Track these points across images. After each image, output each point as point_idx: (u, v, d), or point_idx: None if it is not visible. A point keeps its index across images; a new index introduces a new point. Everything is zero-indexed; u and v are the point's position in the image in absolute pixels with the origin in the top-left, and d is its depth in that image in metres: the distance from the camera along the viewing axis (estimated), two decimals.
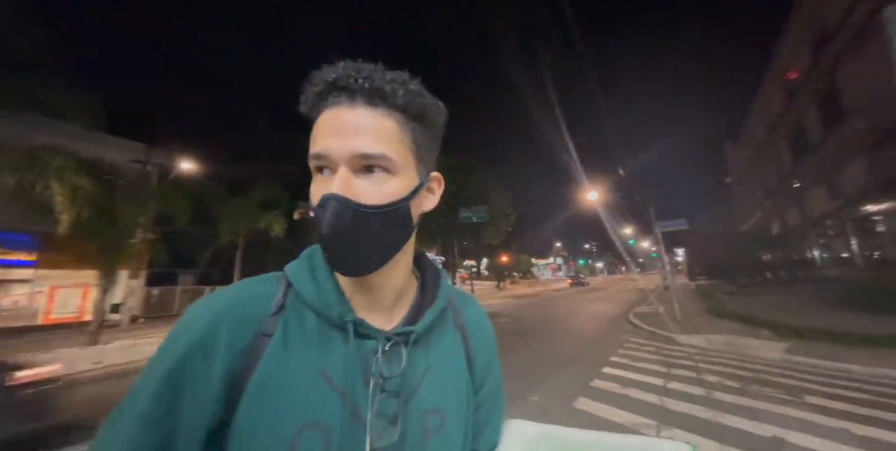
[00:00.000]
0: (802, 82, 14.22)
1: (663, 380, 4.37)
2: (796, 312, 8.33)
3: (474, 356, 0.52)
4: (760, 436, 2.81)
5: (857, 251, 12.77)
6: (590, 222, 78.51)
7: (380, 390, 0.41)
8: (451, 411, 0.45)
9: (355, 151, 0.40)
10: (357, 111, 0.41)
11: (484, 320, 0.58)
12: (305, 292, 0.44)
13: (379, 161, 0.41)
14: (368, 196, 0.41)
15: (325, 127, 0.41)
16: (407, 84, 0.43)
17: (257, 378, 0.38)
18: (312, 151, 0.41)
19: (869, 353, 5.01)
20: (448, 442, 0.44)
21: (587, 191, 18.72)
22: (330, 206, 0.39)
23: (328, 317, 0.42)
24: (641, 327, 8.38)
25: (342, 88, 0.41)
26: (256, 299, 0.43)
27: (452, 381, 0.48)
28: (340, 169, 0.41)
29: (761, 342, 6.04)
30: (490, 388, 0.54)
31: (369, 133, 0.41)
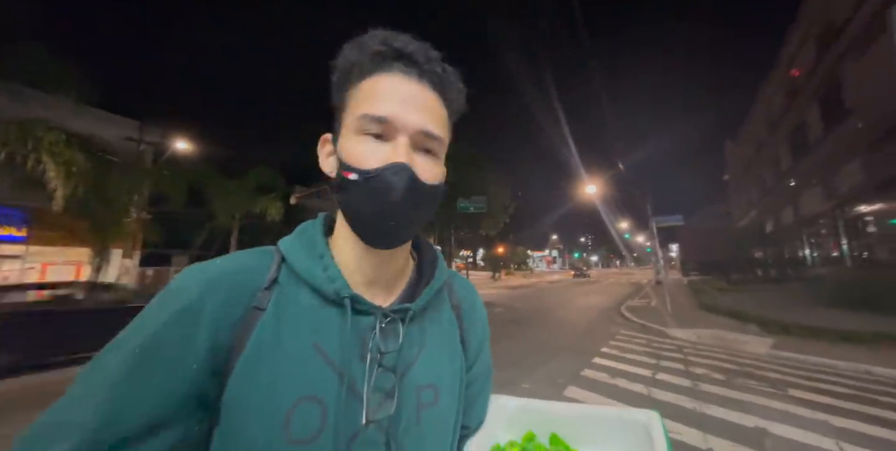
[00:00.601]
0: (805, 80, 14.13)
1: (652, 371, 4.46)
2: (785, 309, 8.50)
3: (467, 335, 0.53)
4: (744, 426, 2.90)
5: (847, 251, 12.97)
6: (587, 216, 78.96)
7: (377, 364, 0.41)
8: (444, 386, 0.46)
9: (423, 128, 0.41)
10: (425, 89, 0.43)
11: (476, 300, 0.59)
12: (301, 267, 0.43)
13: (436, 144, 0.43)
14: (424, 174, 0.41)
15: (389, 92, 0.41)
16: (459, 83, 0.46)
17: (249, 352, 0.37)
18: (373, 113, 0.40)
19: (853, 349, 5.15)
20: (441, 416, 0.45)
21: (585, 184, 18.72)
22: (404, 175, 0.39)
23: (324, 292, 0.42)
24: (633, 320, 8.52)
25: (413, 62, 0.42)
26: (249, 272, 0.42)
27: (446, 358, 0.48)
28: (401, 140, 0.41)
29: (749, 337, 6.17)
30: (480, 366, 0.56)
31: (433, 114, 0.43)
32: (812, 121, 13.81)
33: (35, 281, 11.25)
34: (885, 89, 8.79)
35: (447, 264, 0.55)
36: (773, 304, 9.51)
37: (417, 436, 0.42)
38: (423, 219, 0.44)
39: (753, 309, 8.35)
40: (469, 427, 0.53)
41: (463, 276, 0.61)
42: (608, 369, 4.54)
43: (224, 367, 0.37)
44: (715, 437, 2.71)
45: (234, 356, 0.37)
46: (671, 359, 5.04)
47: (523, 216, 48.95)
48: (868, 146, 10.31)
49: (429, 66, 0.42)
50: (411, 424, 0.42)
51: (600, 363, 4.83)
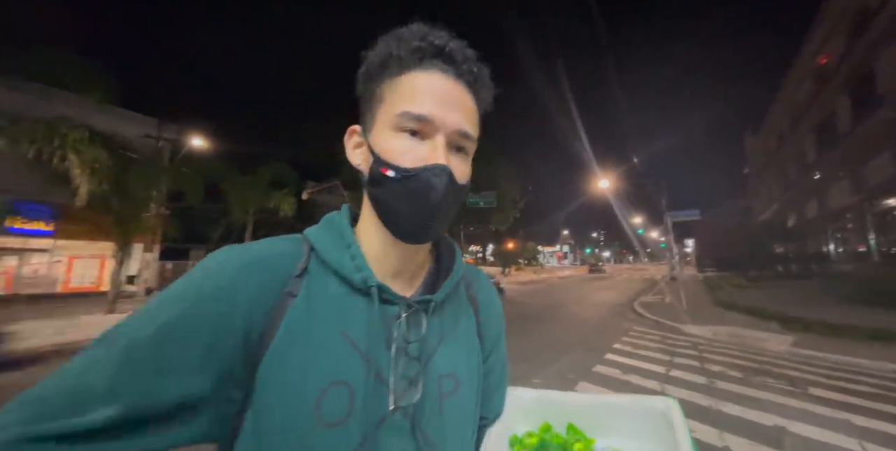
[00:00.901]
0: (834, 68, 13.46)
1: (665, 368, 4.40)
2: (806, 305, 8.23)
3: (484, 327, 0.54)
4: (762, 425, 2.84)
5: (874, 246, 12.44)
6: (599, 211, 77.79)
7: (403, 353, 0.42)
8: (464, 376, 0.47)
9: (460, 128, 0.42)
10: (459, 87, 0.43)
11: (493, 293, 0.60)
12: (330, 256, 0.44)
13: (469, 144, 0.45)
14: (458, 174, 0.43)
15: (429, 90, 0.42)
16: (491, 82, 0.47)
17: (281, 336, 0.38)
18: (413, 111, 0.41)
19: (879, 348, 4.96)
20: (462, 405, 0.46)
21: (598, 179, 18.39)
22: (444, 177, 0.41)
23: (351, 281, 0.43)
24: (646, 317, 8.40)
25: (452, 60, 0.43)
26: (282, 258, 0.43)
27: (465, 348, 0.49)
28: (440, 139, 0.41)
29: (768, 335, 6.01)
30: (497, 358, 0.57)
31: (469, 113, 0.44)
32: (841, 111, 13.20)
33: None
34: None
35: None
36: (794, 301, 9.22)
37: (440, 424, 0.43)
38: (453, 215, 0.46)
39: (773, 306, 8.12)
40: (487, 418, 0.54)
41: (479, 269, 0.61)
42: (620, 366, 4.50)
43: (256, 349, 0.37)
44: (731, 435, 2.66)
45: (267, 339, 0.38)
46: (686, 356, 4.96)
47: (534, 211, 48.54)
48: None
49: (466, 66, 0.43)
50: (434, 412, 0.43)
51: (612, 360, 4.78)
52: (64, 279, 12.50)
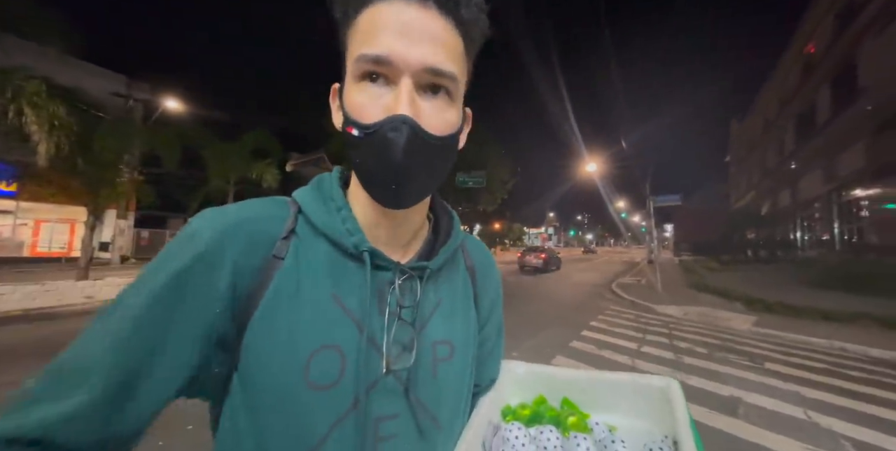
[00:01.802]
0: (821, 58, 13.55)
1: (637, 344, 4.65)
2: (771, 288, 8.76)
3: (480, 296, 0.53)
4: (720, 395, 3.08)
5: (837, 235, 13.19)
6: (585, 194, 78.86)
7: (396, 318, 0.41)
8: (458, 343, 0.47)
9: (427, 64, 0.35)
10: (429, 14, 0.35)
11: (490, 262, 0.58)
12: (319, 220, 0.42)
13: (447, 82, 0.37)
14: (432, 124, 0.36)
15: (387, 23, 0.35)
16: (477, 0, 0.39)
17: (268, 299, 0.37)
18: (369, 52, 0.35)
19: (832, 328, 5.38)
20: (456, 371, 0.46)
21: (585, 162, 18.47)
22: (404, 131, 0.34)
23: (343, 245, 0.41)
24: (623, 297, 8.78)
25: None
26: (267, 220, 0.41)
27: (460, 316, 0.48)
28: (405, 82, 0.35)
29: (733, 315, 6.41)
30: (492, 326, 0.56)
31: (443, 46, 0.36)
32: (822, 101, 13.45)
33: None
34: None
35: None
36: (761, 284, 9.80)
37: (434, 389, 0.43)
38: (438, 175, 0.40)
39: (740, 288, 8.61)
40: (480, 385, 0.54)
41: (477, 238, 0.59)
42: (596, 342, 4.73)
43: (243, 312, 0.36)
44: (693, 404, 2.87)
45: (254, 302, 0.37)
46: (657, 333, 5.24)
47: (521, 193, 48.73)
48: (874, 130, 10.14)
49: None
50: (428, 376, 0.42)
51: (588, 336, 5.02)
52: (30, 243, 11.94)
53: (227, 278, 0.36)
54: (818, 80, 13.73)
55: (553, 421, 0.53)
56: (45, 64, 6.88)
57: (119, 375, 0.31)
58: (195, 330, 0.35)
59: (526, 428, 0.50)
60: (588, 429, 0.51)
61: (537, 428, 0.50)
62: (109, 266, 12.07)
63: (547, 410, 0.55)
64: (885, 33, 9.49)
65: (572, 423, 0.52)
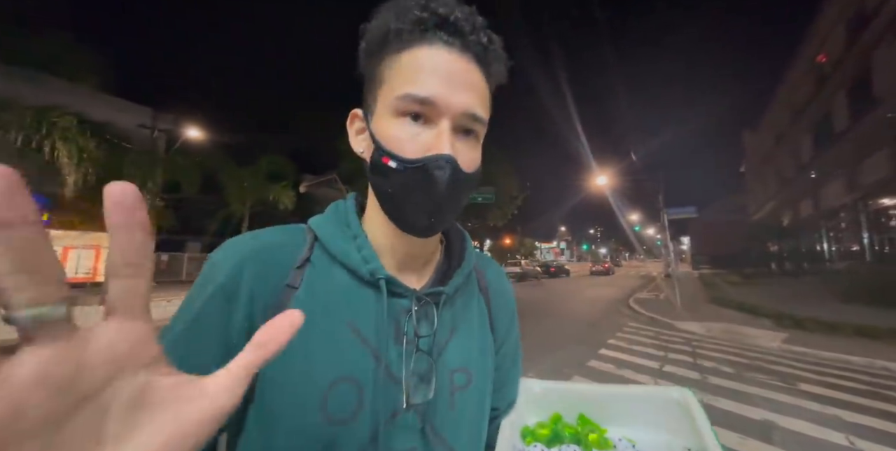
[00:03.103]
0: (833, 67, 13.46)
1: (659, 363, 4.45)
2: (799, 303, 8.32)
3: (496, 318, 0.53)
4: (751, 419, 2.88)
5: (867, 245, 12.58)
6: (596, 207, 78.02)
7: (414, 348, 0.41)
8: (476, 369, 0.46)
9: (468, 110, 0.39)
10: (469, 65, 0.39)
11: (505, 283, 0.58)
12: (335, 247, 0.42)
13: (479, 126, 0.41)
14: (464, 162, 0.39)
15: (432, 68, 0.38)
16: (504, 53, 0.42)
17: None
18: (417, 93, 0.37)
19: (869, 345, 5.04)
20: (474, 399, 0.45)
21: (596, 175, 18.40)
22: (447, 169, 0.37)
23: (359, 273, 0.41)
24: (641, 313, 8.47)
25: (458, 31, 0.38)
26: (282, 248, 0.41)
27: (477, 341, 0.48)
28: (444, 124, 0.38)
29: (760, 331, 6.08)
30: (509, 348, 0.56)
31: (478, 93, 0.40)
32: (838, 110, 13.23)
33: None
34: None
35: None
36: (787, 298, 9.33)
37: (451, 420, 0.42)
38: (461, 207, 0.43)
39: (766, 303, 8.20)
40: (499, 409, 0.53)
41: (491, 259, 0.60)
42: (615, 361, 4.54)
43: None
44: (722, 429, 2.70)
45: None
46: (679, 351, 5.01)
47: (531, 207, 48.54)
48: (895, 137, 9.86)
49: (474, 37, 0.39)
50: (445, 408, 0.42)
51: (607, 355, 4.83)
52: None
53: (243, 308, 0.37)
54: (832, 88, 13.58)
55: (573, 439, 0.52)
56: (76, 100, 7.45)
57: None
58: (215, 359, 0.35)
59: (548, 449, 0.50)
60: (611, 445, 0.50)
61: (560, 449, 0.50)
62: None
63: (565, 427, 0.55)
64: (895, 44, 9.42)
65: (593, 440, 0.51)
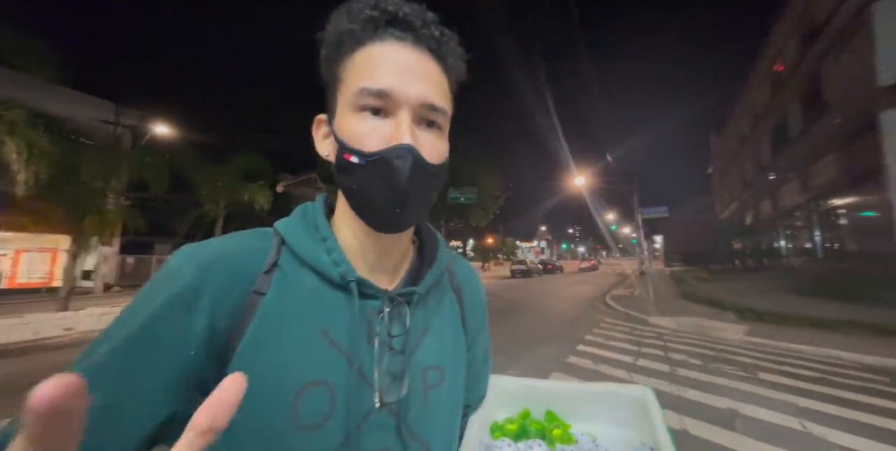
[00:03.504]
0: (788, 75, 14.40)
1: (633, 357, 4.63)
2: (759, 297, 8.87)
3: (468, 317, 0.54)
4: (716, 408, 3.06)
5: (819, 243, 13.55)
6: (575, 208, 79.93)
7: (386, 348, 0.41)
8: (448, 367, 0.47)
9: (425, 100, 0.39)
10: (423, 57, 0.40)
11: (477, 282, 0.59)
12: (304, 251, 0.41)
13: (440, 117, 0.41)
14: (427, 153, 0.39)
15: (387, 62, 0.38)
16: (459, 47, 0.43)
17: (251, 337, 0.36)
18: (372, 86, 0.37)
19: (818, 335, 5.44)
20: (447, 396, 0.46)
21: (574, 176, 18.88)
22: (408, 159, 0.37)
23: (329, 276, 0.40)
24: (617, 309, 8.78)
25: (408, 27, 0.39)
26: (248, 254, 0.40)
27: (449, 339, 0.48)
28: (403, 115, 0.38)
29: (725, 324, 6.44)
30: (480, 346, 0.57)
31: (436, 85, 0.40)
32: (793, 116, 14.16)
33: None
34: (861, 87, 9.04)
35: None
36: (749, 293, 9.91)
37: (425, 416, 0.42)
38: (430, 200, 0.43)
39: (731, 298, 8.70)
40: (470, 406, 0.54)
41: (463, 258, 0.60)
42: (592, 356, 4.70)
43: (224, 352, 0.35)
44: (689, 417, 2.86)
45: (234, 342, 0.36)
46: (652, 346, 5.24)
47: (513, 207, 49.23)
48: (843, 142, 10.67)
49: (426, 31, 0.39)
50: (419, 405, 0.42)
51: (584, 350, 4.98)
52: (9, 274, 11.53)
53: (203, 319, 0.35)
54: (788, 95, 14.52)
55: (539, 434, 0.54)
56: (33, 93, 6.93)
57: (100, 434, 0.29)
58: (172, 376, 0.33)
59: (515, 444, 0.51)
60: (573, 440, 0.53)
61: (526, 443, 0.51)
62: (91, 295, 11.67)
63: (532, 423, 0.56)
64: (843, 54, 10.19)
65: (557, 435, 0.53)
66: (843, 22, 9.92)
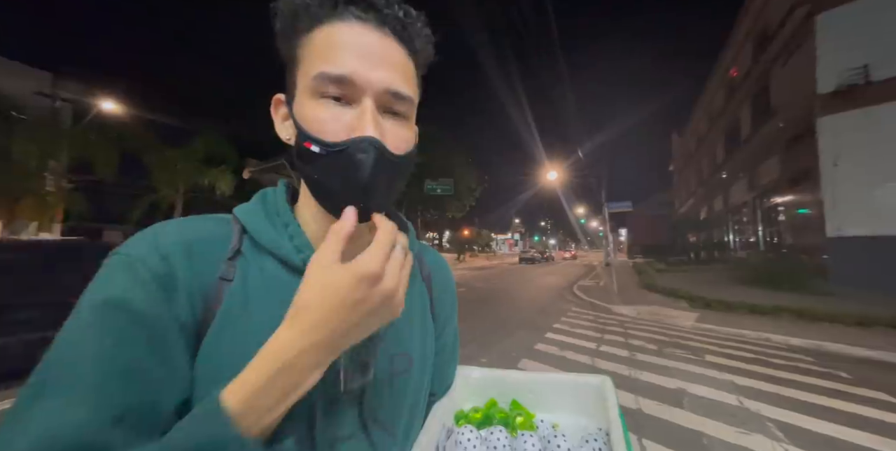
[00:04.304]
0: (741, 80, 15.41)
1: (596, 344, 4.92)
2: (709, 286, 9.64)
3: (437, 305, 0.54)
4: (668, 388, 3.34)
5: (761, 237, 14.85)
6: (547, 201, 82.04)
7: None
8: (416, 354, 0.47)
9: (389, 87, 0.36)
10: (387, 40, 0.37)
11: (447, 272, 0.59)
12: (264, 237, 0.40)
13: (405, 105, 0.39)
14: (393, 143, 0.37)
15: (347, 44, 0.36)
16: (426, 28, 0.40)
17: (217, 325, 0.35)
18: (332, 71, 0.35)
19: (757, 320, 6.03)
20: (414, 383, 0.46)
21: (548, 170, 19.33)
22: (372, 152, 0.35)
23: (292, 263, 0.40)
24: (583, 299, 9.22)
25: (370, 5, 0.36)
26: (211, 241, 0.39)
27: (418, 327, 0.49)
28: (367, 103, 0.36)
29: (678, 312, 6.97)
30: (448, 336, 0.57)
31: (401, 70, 0.38)
32: (744, 118, 15.24)
33: None
34: (802, 94, 9.86)
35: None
36: (701, 283, 10.74)
37: (391, 403, 0.43)
38: (396, 191, 0.41)
39: (685, 288, 9.38)
40: (436, 394, 0.55)
41: (433, 249, 0.60)
42: (558, 343, 4.93)
43: (194, 340, 0.35)
44: (644, 398, 3.10)
45: (202, 329, 0.35)
46: (614, 332, 5.57)
47: (488, 200, 49.79)
48: (785, 144, 11.65)
49: (389, 11, 0.37)
50: (385, 391, 0.42)
51: (552, 338, 5.22)
52: None
53: (182, 304, 0.34)
54: (740, 99, 15.54)
55: (503, 422, 0.56)
56: None
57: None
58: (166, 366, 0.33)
59: (477, 430, 0.53)
60: (534, 427, 0.55)
61: (488, 429, 0.53)
62: None
63: (497, 412, 0.58)
64: (790, 62, 11.01)
65: (520, 423, 0.55)
66: (791, 31, 10.68)
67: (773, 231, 14.10)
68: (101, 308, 0.32)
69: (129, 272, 0.33)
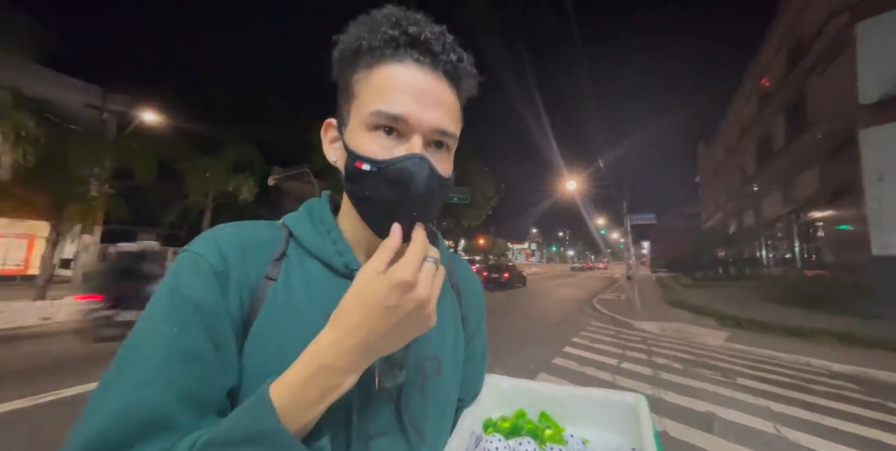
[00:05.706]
0: (775, 90, 14.83)
1: (618, 360, 4.73)
2: (740, 305, 9.14)
3: (467, 313, 0.56)
4: (696, 411, 3.15)
5: (798, 253, 14.00)
6: (565, 211, 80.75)
7: None
8: (446, 359, 0.49)
9: (438, 126, 0.40)
10: (440, 83, 0.41)
11: (475, 280, 0.61)
12: (309, 241, 0.44)
13: (450, 140, 0.42)
14: (437, 166, 0.41)
15: (404, 86, 0.39)
16: (474, 70, 0.44)
17: (262, 320, 0.39)
18: (388, 110, 0.38)
19: (793, 342, 5.64)
20: (444, 386, 0.48)
21: (566, 180, 19.06)
22: (424, 166, 0.38)
23: (333, 265, 0.43)
24: (603, 313, 8.93)
25: (427, 50, 0.40)
26: (263, 242, 0.43)
27: (449, 333, 0.50)
28: (416, 138, 0.39)
29: (706, 330, 6.62)
30: (478, 343, 0.59)
31: (448, 111, 0.42)
32: (777, 130, 14.59)
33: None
34: (842, 104, 9.37)
35: None
36: (730, 300, 10.19)
37: (422, 404, 0.45)
38: (436, 213, 0.44)
39: (713, 305, 8.94)
40: (464, 400, 0.56)
41: (461, 257, 0.62)
42: (577, 358, 4.77)
43: (242, 333, 0.38)
44: (669, 420, 2.94)
45: (249, 323, 0.39)
46: (636, 349, 5.35)
47: (504, 209, 49.50)
48: (824, 157, 11.04)
49: (445, 56, 0.40)
50: (417, 393, 0.44)
51: (570, 352, 5.06)
52: None
53: (235, 298, 0.38)
54: (773, 110, 14.94)
55: (531, 434, 0.55)
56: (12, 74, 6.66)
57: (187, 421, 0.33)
58: (231, 353, 0.37)
59: (506, 440, 0.52)
60: (563, 441, 0.54)
61: (516, 440, 0.53)
62: (70, 285, 11.31)
63: (526, 423, 0.58)
64: (827, 72, 10.54)
65: (549, 436, 0.55)
66: (828, 40, 10.25)
67: (811, 248, 13.28)
68: (169, 298, 0.36)
69: (194, 267, 0.38)
